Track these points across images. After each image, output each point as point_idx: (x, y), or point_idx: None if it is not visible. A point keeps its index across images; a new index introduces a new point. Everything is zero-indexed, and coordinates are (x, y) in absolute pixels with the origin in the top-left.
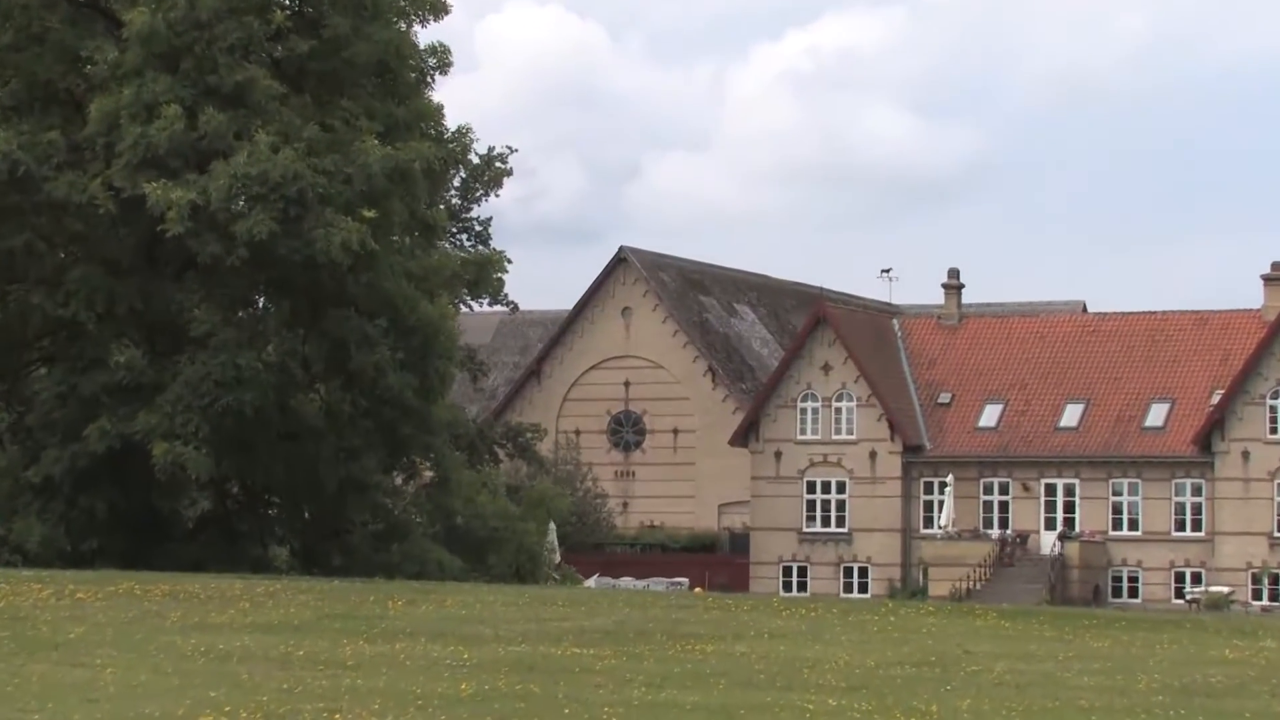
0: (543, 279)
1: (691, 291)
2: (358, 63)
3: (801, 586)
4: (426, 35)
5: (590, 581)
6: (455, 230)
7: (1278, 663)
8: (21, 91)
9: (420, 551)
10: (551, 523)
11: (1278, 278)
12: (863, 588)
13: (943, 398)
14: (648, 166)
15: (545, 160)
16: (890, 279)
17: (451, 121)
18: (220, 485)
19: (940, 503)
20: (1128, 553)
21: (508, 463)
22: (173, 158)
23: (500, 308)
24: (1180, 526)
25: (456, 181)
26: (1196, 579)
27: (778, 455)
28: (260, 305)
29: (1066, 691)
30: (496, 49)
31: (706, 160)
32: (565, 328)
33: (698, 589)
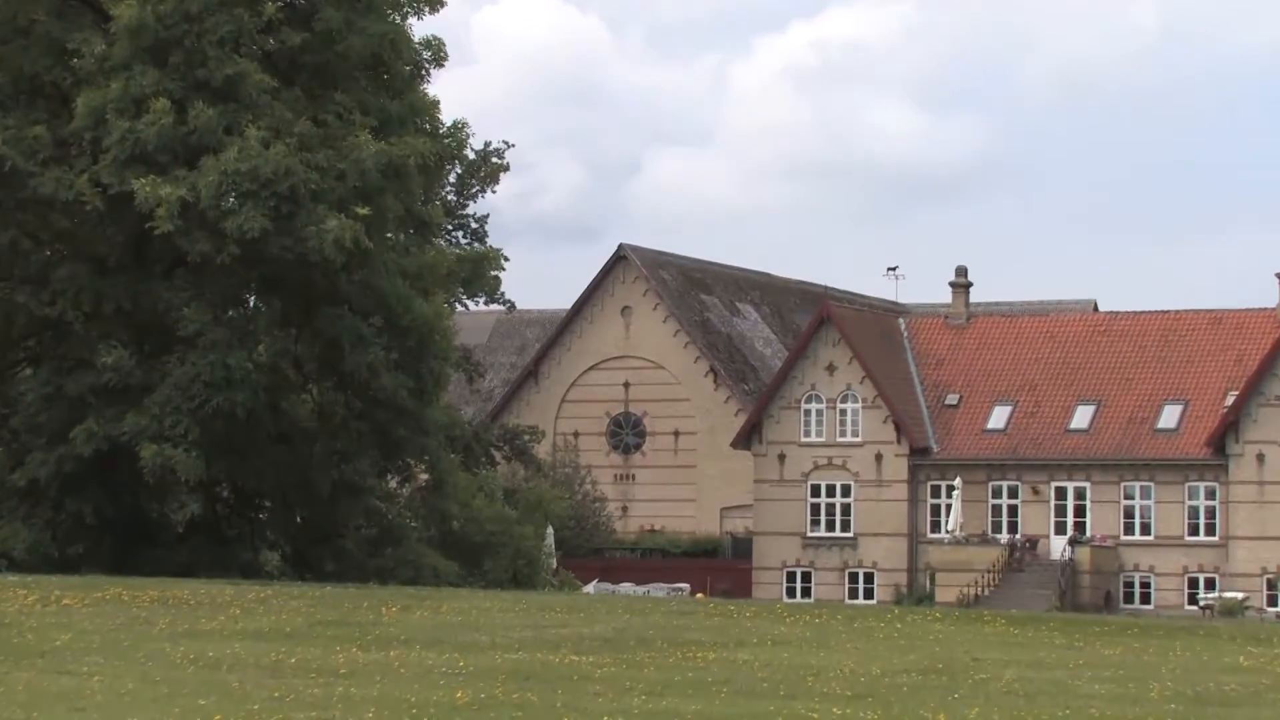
0: (540, 277)
1: (693, 290)
2: (351, 56)
3: (805, 592)
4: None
5: (589, 587)
6: (451, 227)
7: None
8: (7, 85)
9: (415, 556)
10: (549, 527)
11: None
12: (868, 593)
13: (950, 399)
14: (648, 162)
15: (543, 156)
16: (896, 277)
17: (447, 116)
18: (210, 488)
19: (948, 506)
20: (1140, 558)
21: (504, 466)
22: (161, 153)
23: (497, 307)
24: (1194, 531)
25: (452, 177)
26: (1210, 585)
27: (781, 458)
28: (251, 304)
29: (1077, 700)
30: (493, 42)
31: (708, 156)
32: (563, 327)
33: (699, 595)
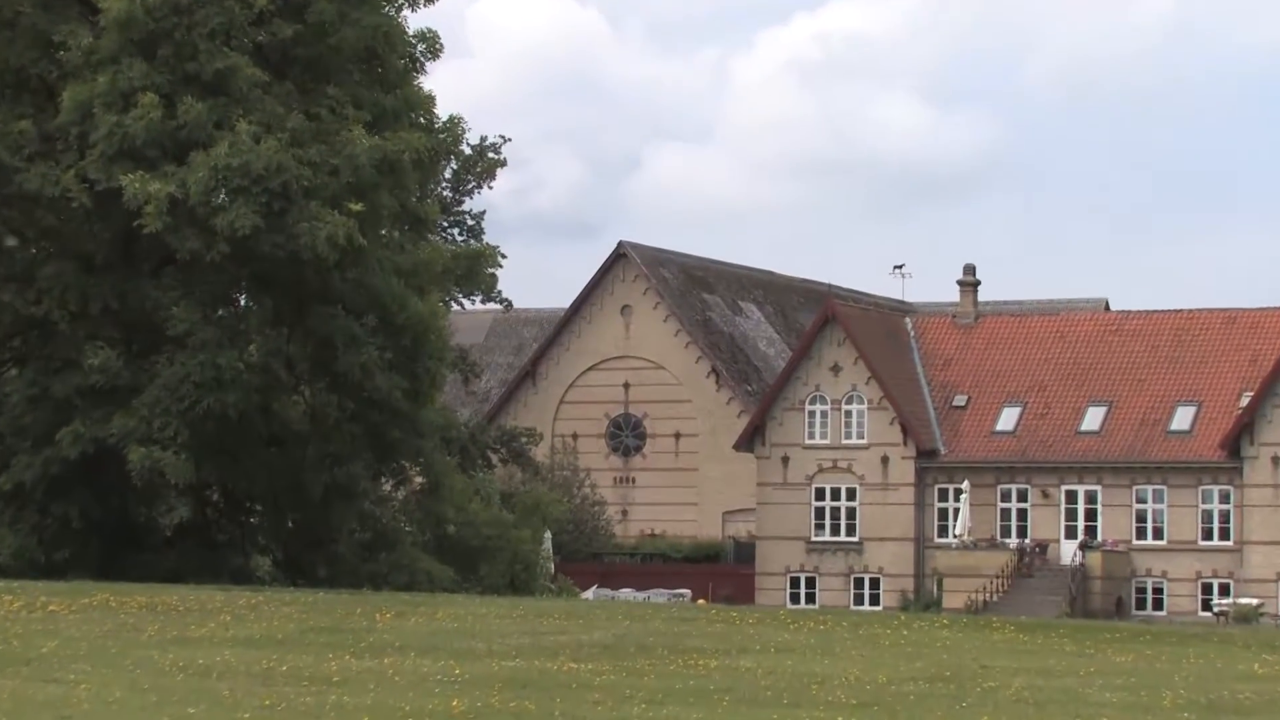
0: (538, 275)
1: (694, 289)
2: (344, 49)
3: (810, 598)
4: (416, 20)
5: (588, 593)
6: (446, 224)
7: None
8: None
9: (409, 561)
10: (547, 531)
11: None
12: (874, 599)
13: (958, 400)
14: (648, 158)
15: (541, 151)
16: (903, 275)
17: (443, 110)
18: (200, 492)
19: (955, 510)
20: (1152, 563)
21: (501, 468)
22: (150, 148)
23: (493, 306)
24: (1207, 535)
25: (447, 173)
26: (1224, 590)
27: (785, 460)
28: (242, 303)
29: (1088, 708)
30: (490, 35)
31: (710, 152)
32: (562, 327)
33: (701, 601)
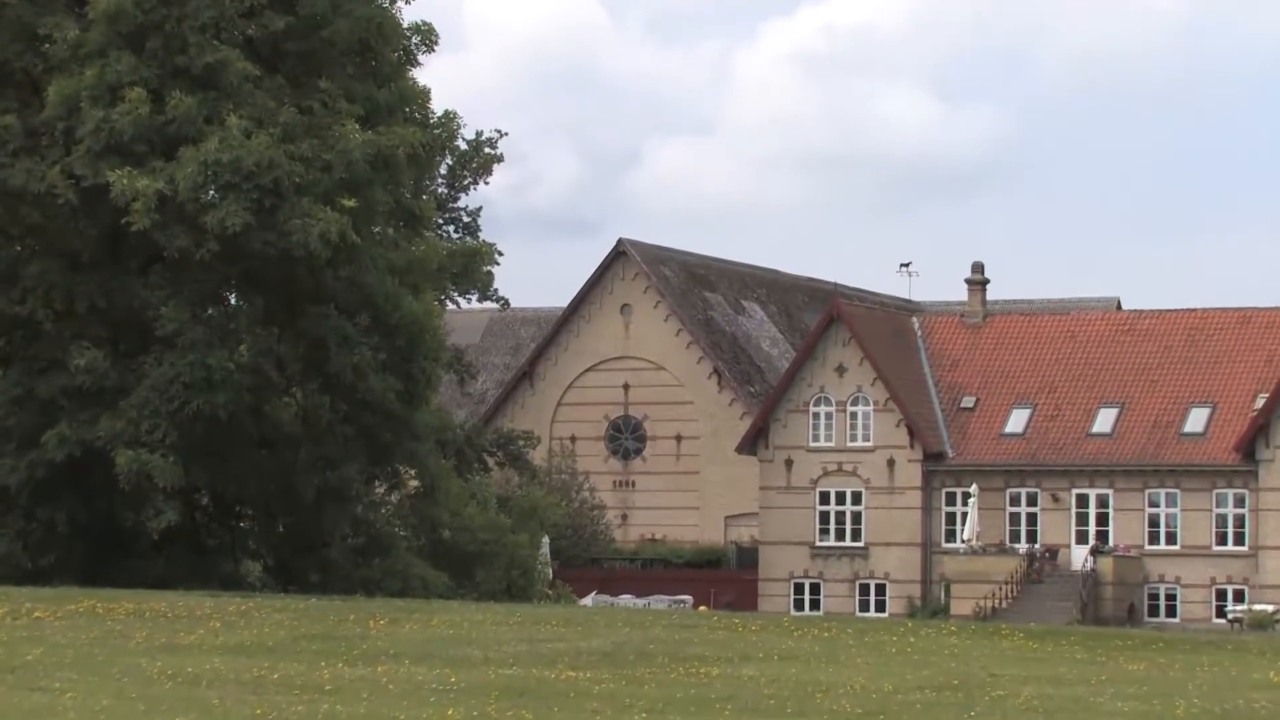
0: (536, 274)
1: (695, 288)
2: (337, 41)
3: (814, 605)
4: (410, 12)
5: (587, 599)
6: (442, 221)
7: None
8: None
9: (404, 567)
10: (545, 536)
11: None
12: (880, 606)
13: (966, 402)
14: (649, 153)
15: (538, 146)
16: (909, 274)
17: (438, 105)
18: (189, 496)
19: (963, 515)
20: (1165, 568)
21: (498, 472)
22: (138, 144)
23: (490, 304)
24: (1221, 540)
25: (443, 169)
26: (1239, 597)
27: (788, 464)
28: (232, 302)
29: (1099, 718)
30: (486, 27)
31: (712, 147)
32: (560, 326)
33: (702, 607)
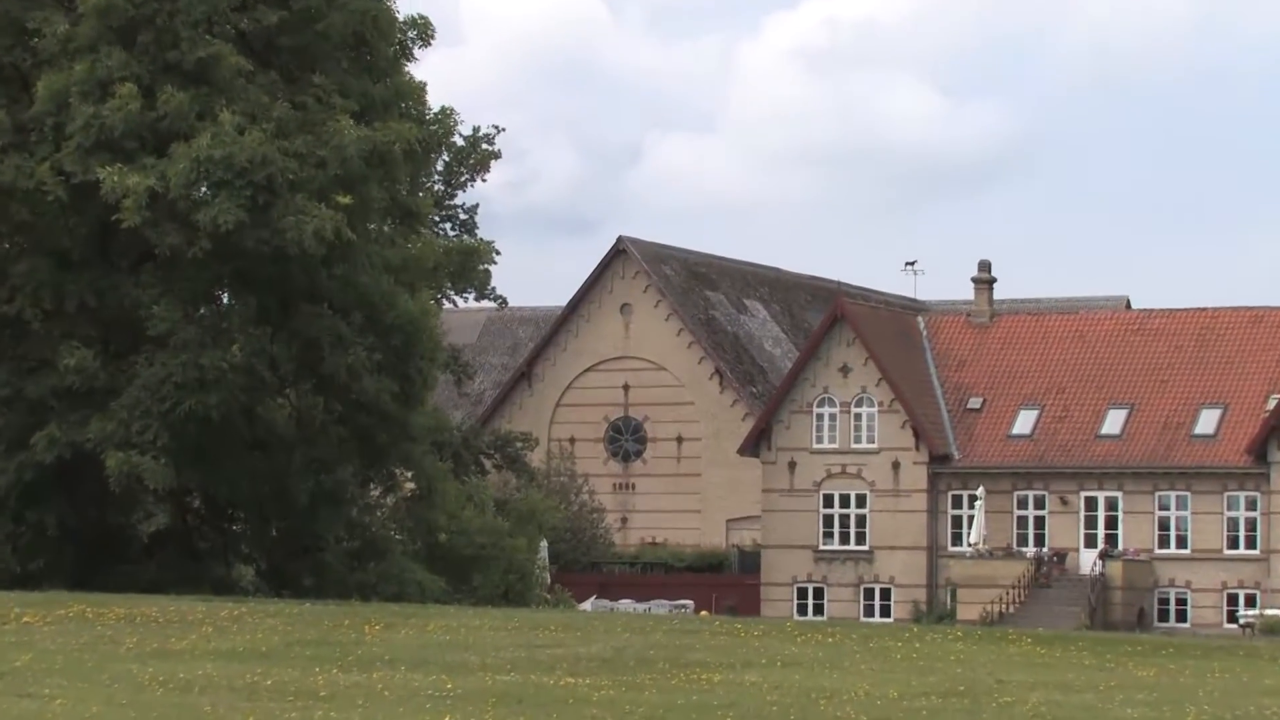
0: (534, 272)
1: (697, 286)
2: (331, 35)
3: (818, 609)
4: (406, 5)
5: (586, 604)
6: (438, 218)
7: None
8: None
9: (399, 571)
10: (543, 540)
11: None
12: (885, 611)
13: (973, 403)
14: (649, 149)
15: (537, 142)
16: (915, 272)
17: (434, 100)
18: (180, 498)
19: (970, 518)
20: (1175, 572)
21: (495, 474)
22: (128, 140)
23: (487, 303)
24: (1233, 544)
25: (439, 165)
26: (1250, 601)
27: (791, 466)
28: (224, 301)
29: None
30: (484, 20)
31: (713, 142)
32: (558, 326)
33: (704, 612)
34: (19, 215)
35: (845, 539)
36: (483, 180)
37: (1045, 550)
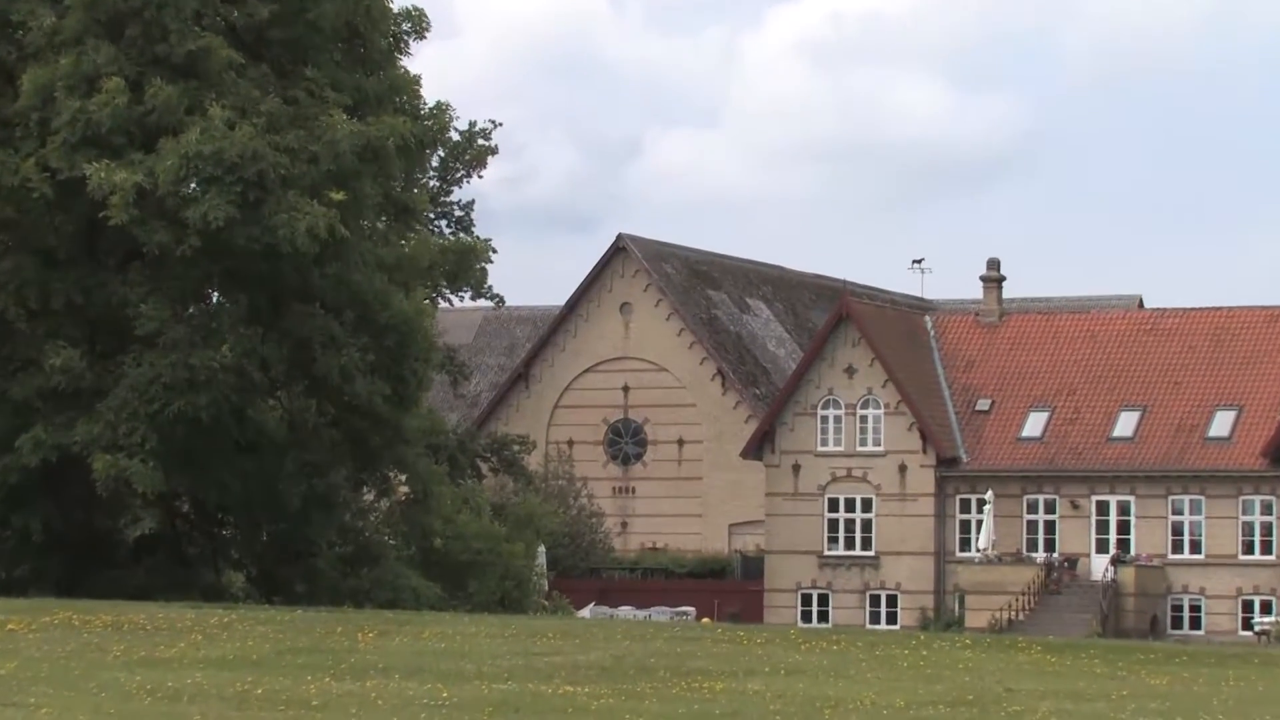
0: (531, 271)
1: (698, 285)
2: (323, 27)
3: (822, 616)
4: None
5: (585, 611)
6: (433, 215)
7: None
8: None
9: (393, 577)
10: (541, 545)
11: None
12: (891, 618)
13: (981, 404)
14: (649, 145)
15: (534, 137)
16: (922, 271)
17: (429, 94)
18: (169, 502)
19: (978, 522)
20: (1189, 578)
21: (492, 478)
22: (116, 135)
23: (484, 303)
24: (1248, 549)
25: (434, 161)
26: (1266, 608)
27: (795, 469)
28: (214, 300)
29: None
30: (480, 12)
31: (715, 137)
32: (557, 326)
33: (705, 619)
34: (3, 212)
35: (850, 544)
36: (479, 176)
37: (1056, 556)
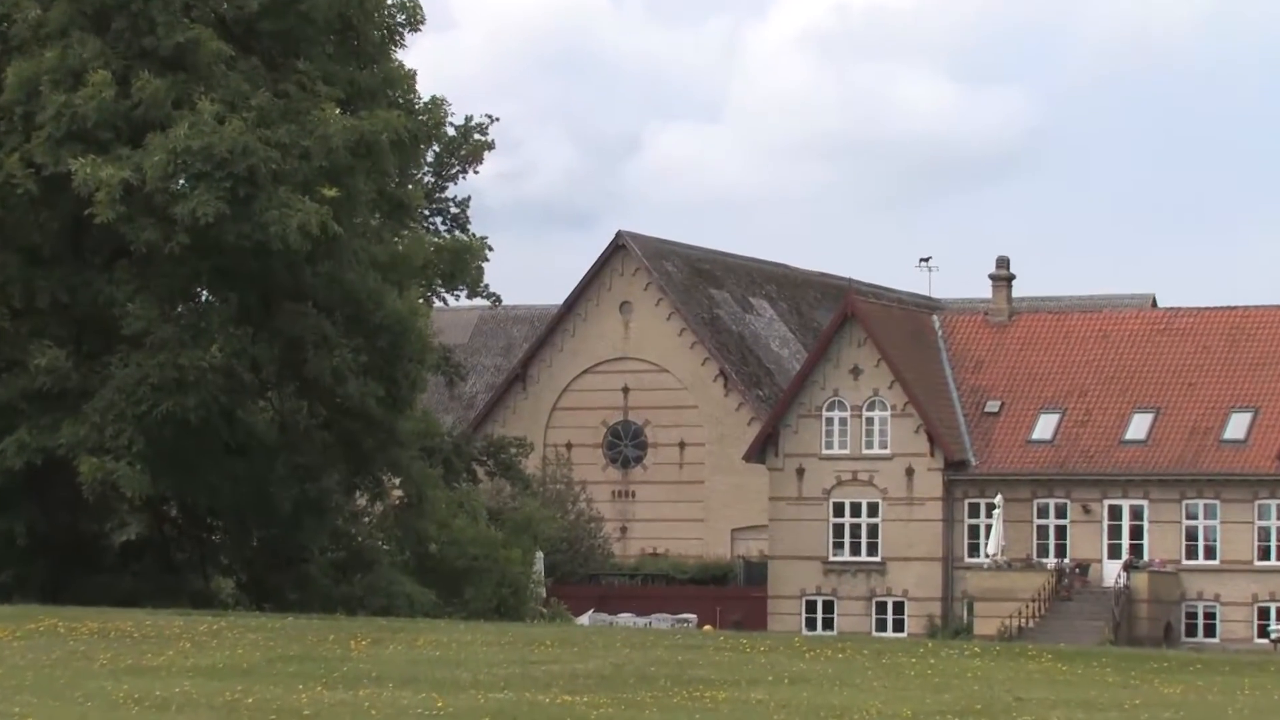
0: (529, 269)
1: (700, 284)
2: (315, 19)
3: (827, 624)
4: None
5: (584, 618)
6: (428, 212)
7: None
8: None
9: (387, 583)
10: (539, 550)
11: None
12: (898, 625)
13: (990, 406)
14: (650, 140)
15: (532, 132)
16: (929, 269)
17: (424, 88)
18: (157, 506)
19: (987, 527)
20: (1203, 585)
21: (488, 482)
22: (102, 130)
23: (480, 302)
24: (1264, 554)
25: (429, 157)
26: None
27: (800, 473)
28: (203, 299)
29: None
30: (476, 4)
31: (717, 133)
32: (555, 325)
33: (707, 627)
34: None
35: (856, 550)
36: (475, 172)
37: (1067, 561)
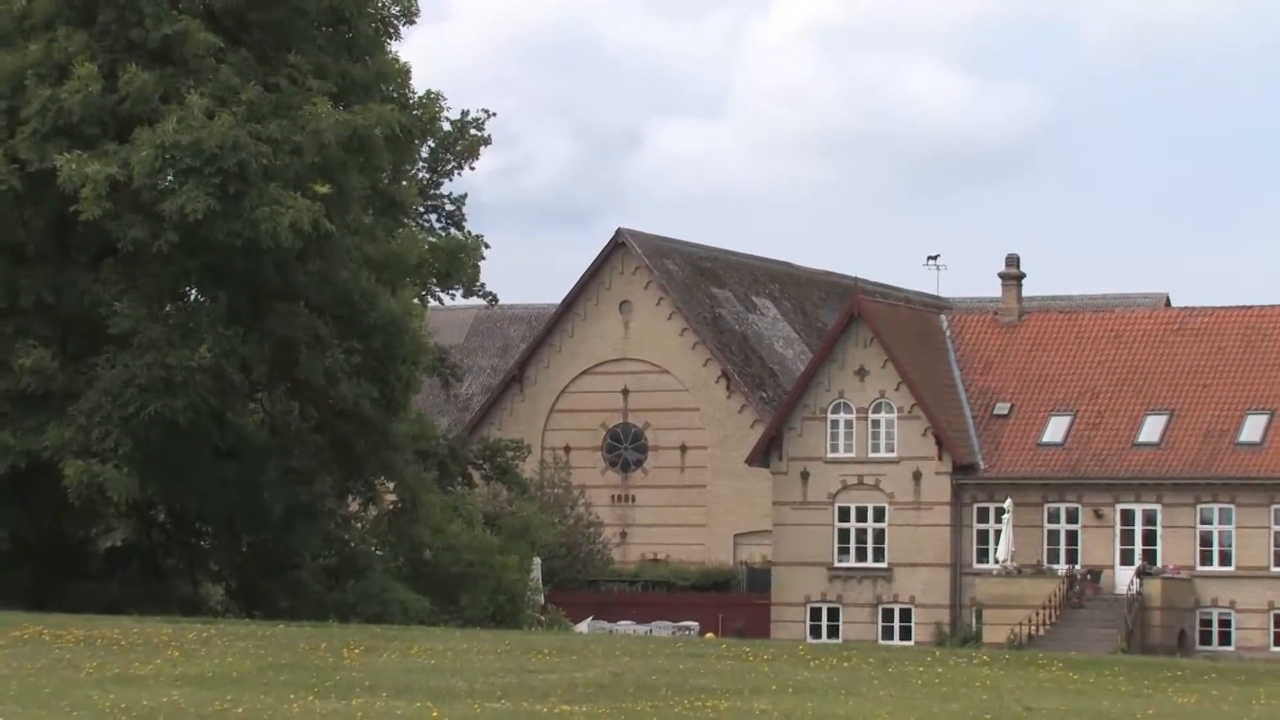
0: (526, 267)
1: (701, 282)
2: (307, 11)
3: (832, 631)
4: None
5: (582, 626)
6: (423, 209)
7: None
8: None
9: (380, 590)
10: (536, 556)
11: None
12: (905, 633)
13: (1000, 408)
14: (650, 135)
15: (529, 127)
16: (937, 268)
17: (419, 83)
18: (144, 511)
19: (997, 532)
20: (1218, 591)
21: (484, 486)
22: (88, 125)
23: (476, 301)
24: None
25: (424, 152)
26: None
27: (804, 476)
28: (192, 298)
29: None
30: None
31: (719, 128)
32: (552, 326)
33: (709, 634)
34: None
35: (862, 555)
36: (471, 168)
37: (1078, 567)
